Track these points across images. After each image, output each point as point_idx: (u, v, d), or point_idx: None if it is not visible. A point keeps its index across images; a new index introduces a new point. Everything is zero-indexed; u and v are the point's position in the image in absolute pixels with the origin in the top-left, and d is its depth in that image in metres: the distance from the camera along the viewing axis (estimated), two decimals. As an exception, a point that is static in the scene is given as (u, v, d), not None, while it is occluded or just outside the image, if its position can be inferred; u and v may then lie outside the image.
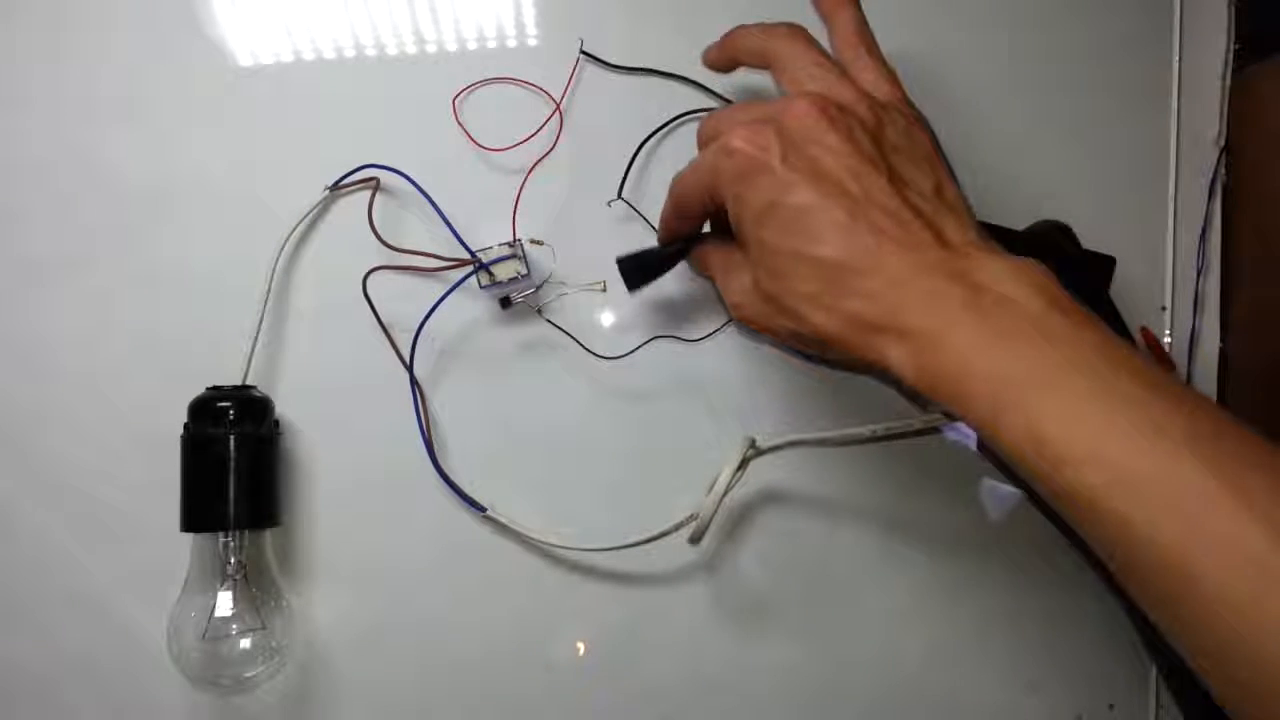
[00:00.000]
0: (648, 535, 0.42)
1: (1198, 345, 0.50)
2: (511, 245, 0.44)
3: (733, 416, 0.47)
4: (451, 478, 0.45)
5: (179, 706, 0.45)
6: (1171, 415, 0.30)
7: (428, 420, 0.45)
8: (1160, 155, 0.50)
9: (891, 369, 0.34)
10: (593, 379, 0.47)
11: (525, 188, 0.46)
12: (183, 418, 0.42)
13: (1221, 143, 0.50)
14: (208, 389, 0.43)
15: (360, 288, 0.44)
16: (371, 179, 0.45)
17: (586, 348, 0.46)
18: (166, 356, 0.45)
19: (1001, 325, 0.32)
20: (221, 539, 0.42)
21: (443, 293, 0.44)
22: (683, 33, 0.48)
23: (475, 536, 0.46)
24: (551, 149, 0.47)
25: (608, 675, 0.47)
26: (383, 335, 0.45)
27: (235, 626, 0.42)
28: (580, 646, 0.47)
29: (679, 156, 0.40)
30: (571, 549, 0.46)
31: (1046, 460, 0.31)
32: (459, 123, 0.46)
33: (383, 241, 0.44)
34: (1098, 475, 0.30)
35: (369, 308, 0.44)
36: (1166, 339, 0.49)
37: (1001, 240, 0.43)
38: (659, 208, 0.42)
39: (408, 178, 0.45)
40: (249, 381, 0.44)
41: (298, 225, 0.45)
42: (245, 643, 0.42)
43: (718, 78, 0.47)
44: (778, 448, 0.41)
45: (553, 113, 0.47)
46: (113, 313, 0.46)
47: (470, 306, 0.46)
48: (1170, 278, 0.50)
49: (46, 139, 0.46)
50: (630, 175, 0.46)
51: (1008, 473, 0.47)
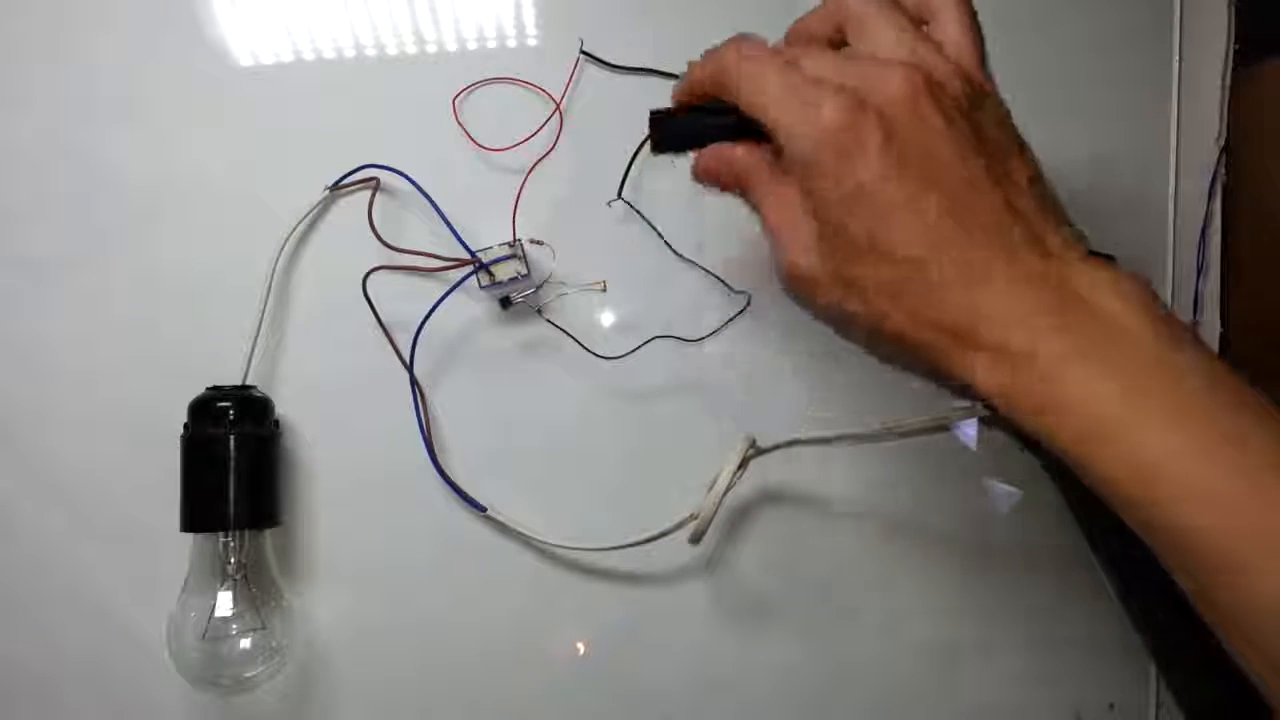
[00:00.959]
0: (648, 535, 0.42)
1: (1198, 345, 0.50)
2: (511, 245, 0.44)
3: (733, 416, 0.47)
4: (451, 477, 0.45)
5: (179, 707, 0.45)
6: (1274, 452, 0.28)
7: (428, 420, 0.45)
8: (1160, 155, 0.50)
9: (975, 384, 0.32)
10: (593, 379, 0.47)
11: (525, 188, 0.46)
12: (183, 418, 0.42)
13: (1221, 143, 0.50)
14: (208, 389, 0.43)
15: (360, 288, 0.44)
16: (371, 179, 0.45)
17: (586, 348, 0.46)
18: (166, 356, 0.45)
19: (1102, 348, 0.30)
20: (221, 539, 0.42)
21: (443, 293, 0.44)
22: (683, 32, 0.48)
23: (475, 536, 0.46)
24: (551, 149, 0.47)
25: (608, 675, 0.47)
26: (383, 335, 0.45)
27: (235, 626, 0.42)
28: (580, 646, 0.47)
29: (679, 156, 0.40)
30: (571, 549, 0.46)
31: (1146, 494, 0.29)
32: (459, 123, 0.46)
33: (383, 241, 0.44)
34: (1206, 515, 0.28)
35: (369, 308, 0.44)
36: (1166, 339, 0.49)
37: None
38: (659, 208, 0.41)
39: (408, 178, 0.45)
40: (249, 381, 0.44)
41: (298, 225, 0.45)
42: (245, 643, 0.42)
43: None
44: (778, 447, 0.41)
45: (553, 113, 0.47)
46: (113, 313, 0.46)
47: (470, 306, 0.46)
48: (1170, 278, 0.50)
49: (46, 139, 0.46)
50: (630, 175, 0.46)
51: (1041, 454, 0.45)
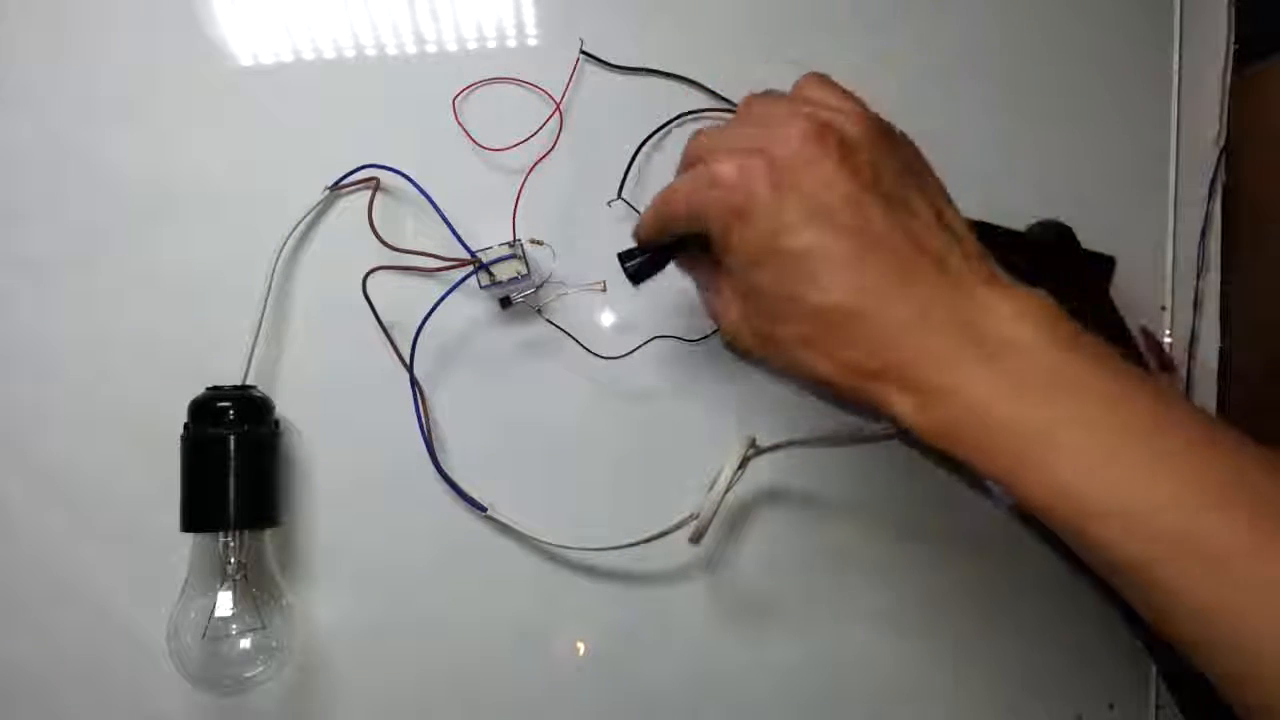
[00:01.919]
0: (648, 535, 0.42)
1: (1198, 345, 0.50)
2: (511, 245, 0.44)
3: (733, 416, 0.47)
4: (452, 477, 0.45)
5: (179, 707, 0.45)
6: (1197, 460, 0.29)
7: (428, 420, 0.45)
8: (1160, 155, 0.50)
9: (898, 419, 0.33)
10: (593, 379, 0.47)
11: (525, 188, 0.46)
12: (183, 418, 0.42)
13: (1221, 143, 0.50)
14: (208, 389, 0.43)
15: (360, 288, 0.44)
16: (371, 179, 0.45)
17: (587, 348, 0.46)
18: (166, 356, 0.45)
19: (1012, 374, 0.31)
20: (221, 539, 0.42)
21: (443, 293, 0.44)
22: (682, 33, 0.48)
23: (475, 536, 0.46)
24: (551, 149, 0.47)
25: (608, 675, 0.47)
26: (383, 335, 0.45)
27: (235, 626, 0.42)
28: (580, 646, 0.47)
29: (678, 157, 0.40)
30: (572, 548, 0.45)
31: (1071, 515, 0.30)
32: (459, 123, 0.46)
33: (383, 241, 0.44)
34: (1124, 530, 0.29)
35: (369, 308, 0.44)
36: (1166, 339, 0.49)
37: (1002, 242, 0.43)
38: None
39: (408, 178, 0.45)
40: (249, 381, 0.44)
41: (298, 225, 0.45)
42: (245, 643, 0.42)
43: (718, 79, 0.47)
44: (778, 447, 0.41)
45: (553, 113, 0.47)
46: (113, 313, 0.46)
47: (470, 306, 0.46)
48: (1170, 278, 0.50)
49: (46, 139, 0.46)
50: (630, 175, 0.46)
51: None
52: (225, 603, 0.42)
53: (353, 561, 0.46)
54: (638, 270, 0.40)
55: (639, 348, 0.47)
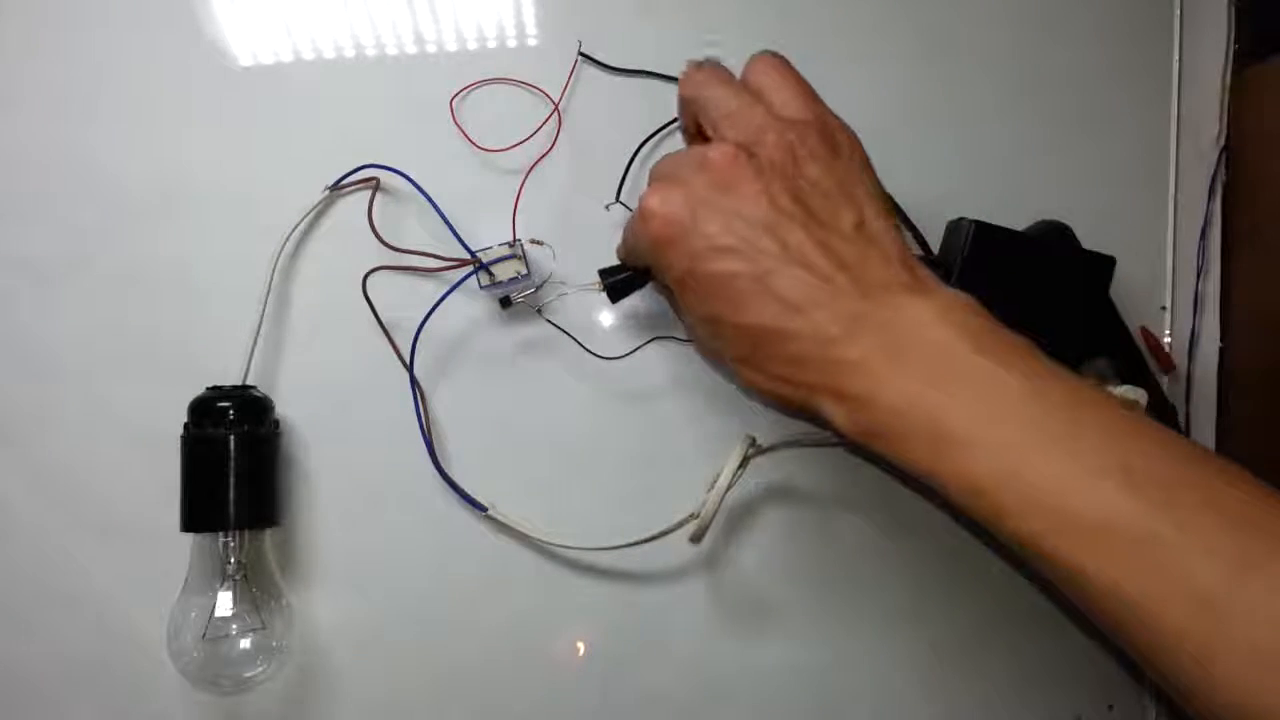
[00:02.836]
0: (648, 535, 0.42)
1: (1198, 345, 0.50)
2: (511, 245, 0.44)
3: (733, 415, 0.47)
4: (452, 477, 0.45)
5: (179, 707, 0.45)
6: (1108, 453, 0.30)
7: (428, 420, 0.45)
8: (1160, 155, 0.50)
9: (830, 425, 0.34)
10: (593, 379, 0.47)
11: (525, 188, 0.46)
12: (183, 418, 0.42)
13: (1221, 143, 0.50)
14: (208, 389, 0.42)
15: (360, 288, 0.44)
16: (371, 179, 0.45)
17: (587, 348, 0.46)
18: (166, 356, 0.45)
19: (929, 377, 0.32)
20: (221, 539, 0.42)
21: (443, 293, 0.44)
22: (681, 35, 0.48)
23: (475, 536, 0.46)
24: (550, 149, 0.47)
25: (608, 675, 0.47)
26: (383, 335, 0.45)
27: (235, 626, 0.42)
28: (580, 646, 0.47)
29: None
30: (572, 548, 0.45)
31: (988, 511, 0.31)
32: (457, 123, 0.46)
33: (383, 241, 0.44)
34: (1038, 524, 0.30)
35: (369, 308, 0.44)
36: (1166, 339, 0.49)
37: (1002, 241, 0.43)
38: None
39: (408, 178, 0.45)
40: (249, 381, 0.44)
41: (298, 225, 0.45)
42: (245, 643, 0.42)
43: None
44: (778, 447, 0.41)
45: (551, 113, 0.47)
46: (113, 313, 0.46)
47: (470, 306, 0.46)
48: (1170, 278, 0.50)
49: (46, 139, 0.46)
50: (629, 178, 0.46)
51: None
52: (225, 603, 0.42)
53: (353, 561, 0.46)
54: (615, 287, 0.42)
55: (639, 348, 0.47)
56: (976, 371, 0.31)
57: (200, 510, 0.41)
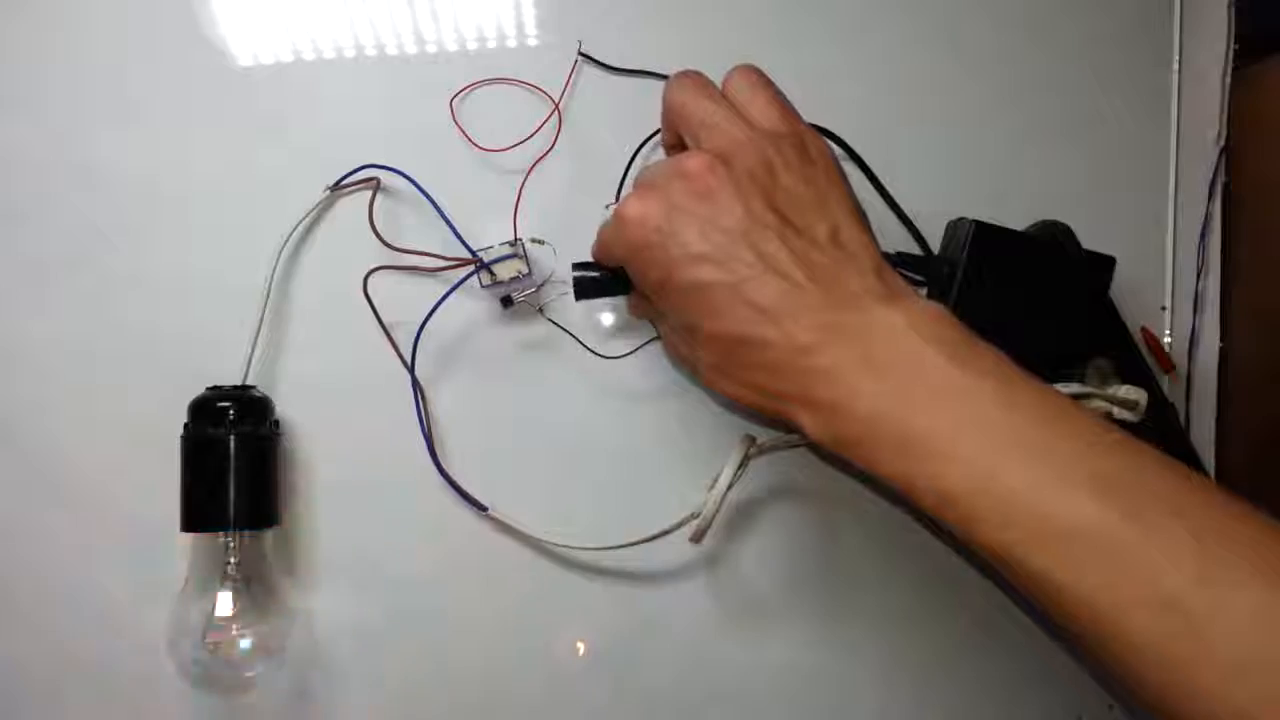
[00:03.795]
0: (648, 534, 0.42)
1: (1198, 345, 0.50)
2: (512, 244, 0.44)
3: (733, 415, 0.47)
4: (452, 477, 0.45)
5: (179, 707, 0.45)
6: (1079, 463, 0.30)
7: (428, 420, 0.45)
8: (1160, 155, 0.50)
9: (804, 432, 0.34)
10: (594, 378, 0.47)
11: (526, 187, 0.46)
12: (183, 418, 0.42)
13: (1221, 143, 0.50)
14: (208, 389, 0.42)
15: (361, 288, 0.44)
16: (372, 179, 0.45)
17: (588, 347, 0.46)
18: (166, 356, 0.45)
19: (901, 386, 0.32)
20: (221, 539, 0.42)
21: (444, 292, 0.44)
22: (680, 35, 0.48)
23: (476, 536, 0.46)
24: (551, 148, 0.47)
25: (608, 675, 0.47)
26: (383, 335, 0.45)
27: (235, 627, 0.42)
28: (580, 646, 0.47)
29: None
30: (572, 548, 0.45)
31: (960, 519, 0.31)
32: (457, 123, 0.46)
33: (383, 241, 0.44)
34: (1009, 532, 0.30)
35: (370, 308, 0.44)
36: (1166, 339, 0.49)
37: (1002, 241, 0.43)
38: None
39: (408, 178, 0.45)
40: (249, 381, 0.44)
41: (298, 225, 0.45)
42: (245, 643, 0.42)
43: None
44: (779, 447, 0.41)
45: (551, 112, 0.47)
46: (113, 313, 0.46)
47: (471, 306, 0.46)
48: (1170, 278, 0.50)
49: (46, 139, 0.46)
50: (629, 177, 0.46)
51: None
52: (225, 603, 0.42)
53: (353, 561, 0.46)
54: (583, 285, 0.41)
55: (641, 347, 0.47)
56: (949, 381, 0.32)
57: (200, 510, 0.41)
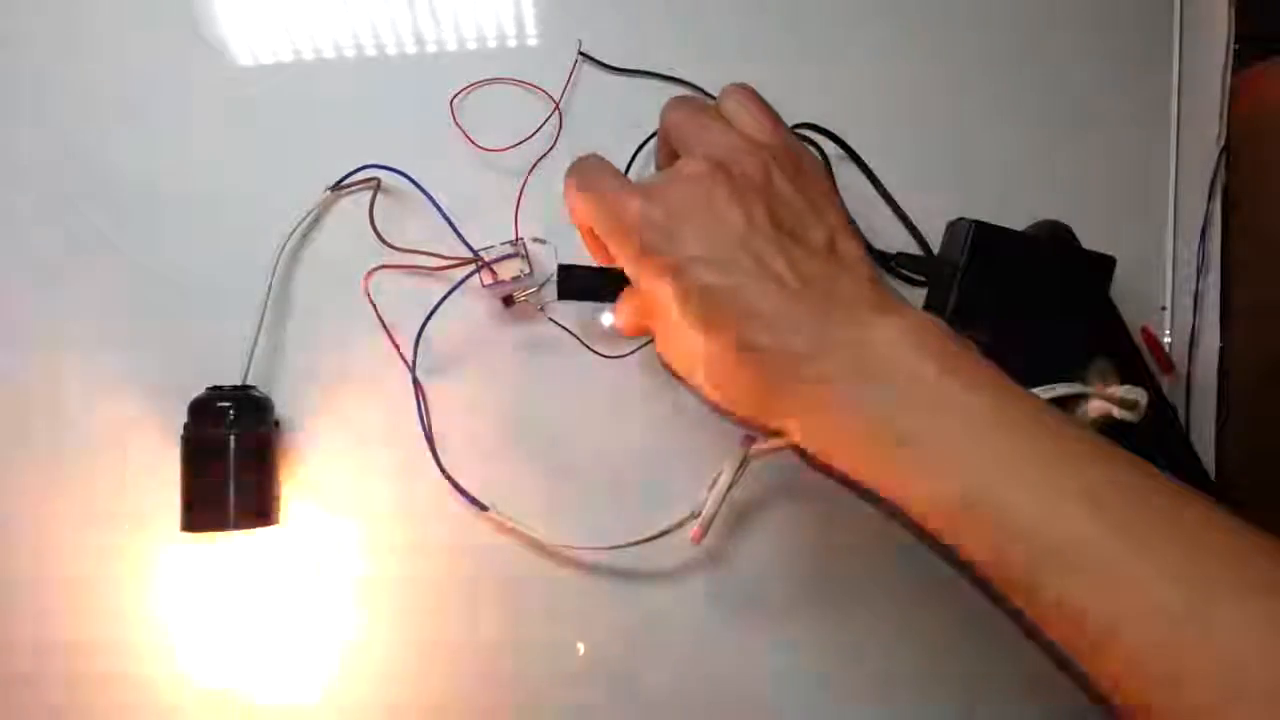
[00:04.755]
0: (649, 534, 0.42)
1: (1198, 345, 0.50)
2: (513, 244, 0.44)
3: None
4: (453, 476, 0.45)
5: (179, 706, 0.45)
6: (1072, 475, 0.30)
7: (429, 419, 0.45)
8: (1160, 155, 0.50)
9: (795, 443, 0.35)
10: (595, 377, 0.47)
11: (527, 187, 0.46)
12: (183, 418, 0.42)
13: (1221, 143, 0.50)
14: (208, 389, 0.42)
15: (361, 287, 0.44)
16: (372, 179, 0.45)
17: (590, 346, 0.46)
18: (167, 356, 0.45)
19: (895, 397, 0.32)
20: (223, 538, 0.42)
21: (445, 292, 0.44)
22: (680, 35, 0.48)
23: (476, 535, 0.46)
24: (551, 148, 0.47)
25: (608, 675, 0.47)
26: (384, 335, 0.45)
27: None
28: (580, 646, 0.47)
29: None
30: (572, 548, 0.45)
31: (951, 530, 0.31)
32: (457, 123, 0.46)
33: (384, 241, 0.44)
34: (1001, 545, 0.30)
35: (370, 307, 0.44)
36: (1166, 339, 0.49)
37: (1002, 241, 0.43)
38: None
39: (409, 178, 0.45)
40: (249, 381, 0.44)
41: (298, 225, 0.45)
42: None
43: (714, 83, 0.47)
44: (780, 446, 0.41)
45: (551, 112, 0.47)
46: (113, 312, 0.46)
47: (472, 306, 0.46)
48: (1170, 278, 0.50)
49: (47, 139, 0.46)
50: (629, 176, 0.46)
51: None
52: (225, 603, 0.42)
53: (353, 561, 0.46)
54: (567, 286, 0.40)
55: (642, 346, 0.47)
56: (943, 393, 0.32)
57: (200, 510, 0.41)
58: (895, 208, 0.47)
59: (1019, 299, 0.43)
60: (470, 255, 0.44)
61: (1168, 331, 0.50)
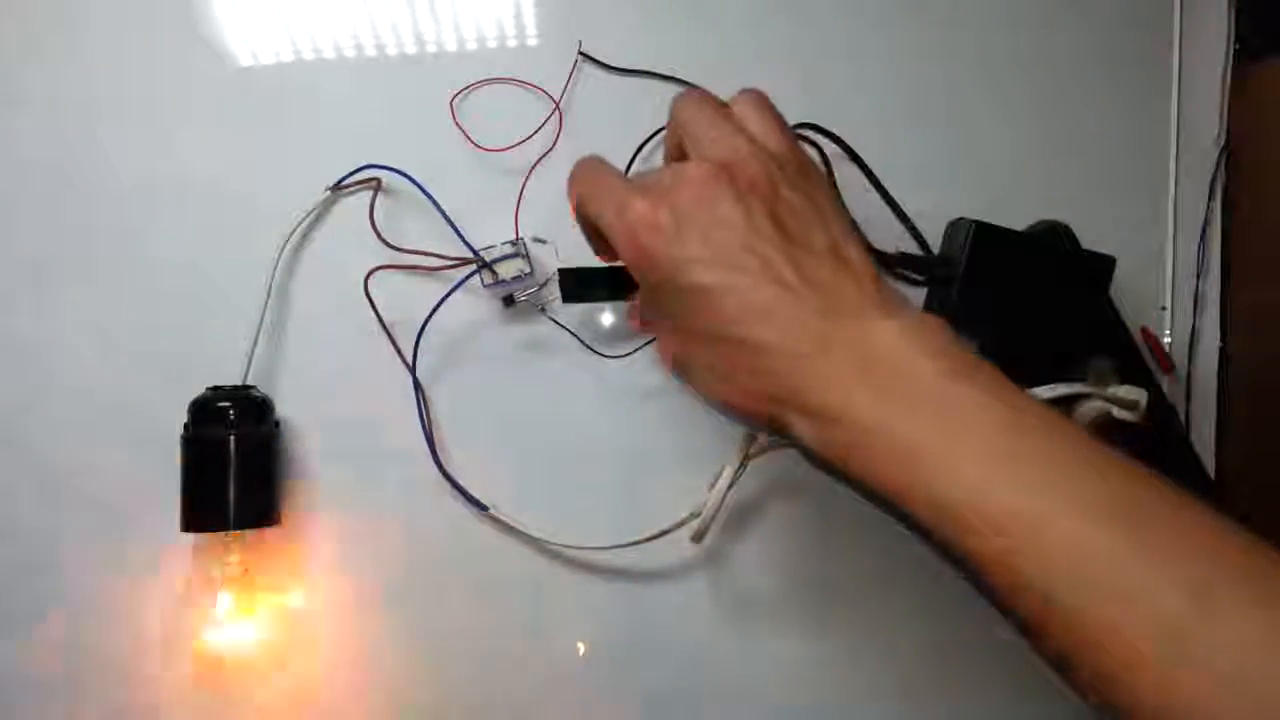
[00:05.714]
0: (649, 534, 0.42)
1: (1198, 345, 0.50)
2: (514, 244, 0.44)
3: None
4: (453, 476, 0.45)
5: (179, 706, 0.45)
6: (1076, 481, 0.30)
7: (429, 419, 0.45)
8: (1160, 155, 0.50)
9: (796, 441, 0.35)
10: (596, 377, 0.47)
11: (527, 187, 0.46)
12: (183, 418, 0.42)
13: (1221, 143, 0.50)
14: (208, 389, 0.42)
15: (361, 287, 0.44)
16: (372, 179, 0.45)
17: (590, 346, 0.46)
18: (166, 356, 0.45)
19: (899, 397, 0.32)
20: (222, 539, 0.42)
21: (445, 292, 0.44)
22: (680, 35, 0.48)
23: (476, 535, 0.46)
24: (551, 148, 0.47)
25: (608, 674, 0.47)
26: (384, 335, 0.45)
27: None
28: (580, 646, 0.47)
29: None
30: (573, 547, 0.45)
31: (952, 530, 0.31)
32: (457, 123, 0.46)
33: (384, 241, 0.44)
34: (1002, 545, 0.30)
35: (370, 307, 0.44)
36: (1166, 339, 0.49)
37: (1002, 241, 0.43)
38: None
39: (409, 178, 0.45)
40: (249, 381, 0.44)
41: (298, 225, 0.45)
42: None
43: (714, 83, 0.47)
44: (779, 445, 0.41)
45: (551, 112, 0.47)
46: (112, 313, 0.46)
47: (473, 305, 0.46)
48: (1170, 278, 0.50)
49: (46, 139, 0.46)
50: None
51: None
52: (225, 603, 0.42)
53: (353, 561, 0.46)
54: (569, 289, 0.41)
55: (642, 346, 0.47)
56: (946, 394, 0.32)
57: (200, 510, 0.41)
58: (895, 208, 0.47)
59: (1019, 299, 0.43)
60: (470, 255, 0.44)
61: (1168, 331, 0.50)
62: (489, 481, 0.45)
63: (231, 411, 0.42)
